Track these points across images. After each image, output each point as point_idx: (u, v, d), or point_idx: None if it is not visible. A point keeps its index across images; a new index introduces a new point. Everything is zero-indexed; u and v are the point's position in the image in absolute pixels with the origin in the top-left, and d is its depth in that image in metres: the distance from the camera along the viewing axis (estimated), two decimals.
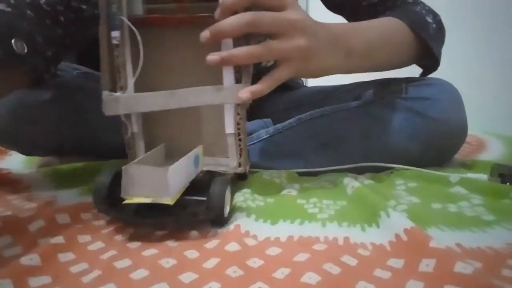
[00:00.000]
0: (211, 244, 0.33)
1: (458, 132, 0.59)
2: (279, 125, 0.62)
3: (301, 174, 0.58)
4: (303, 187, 0.50)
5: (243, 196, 0.43)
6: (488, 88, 1.34)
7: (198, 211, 0.35)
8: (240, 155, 0.43)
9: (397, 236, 0.32)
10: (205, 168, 0.43)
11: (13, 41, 0.37)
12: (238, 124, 0.42)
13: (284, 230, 0.36)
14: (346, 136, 0.58)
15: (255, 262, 0.29)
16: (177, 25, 0.43)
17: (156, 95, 0.41)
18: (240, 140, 0.42)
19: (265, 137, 0.61)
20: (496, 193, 0.43)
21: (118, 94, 0.41)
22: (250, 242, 0.33)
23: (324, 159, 0.58)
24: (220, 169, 0.44)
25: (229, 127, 0.42)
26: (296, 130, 0.60)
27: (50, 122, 0.56)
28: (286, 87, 0.83)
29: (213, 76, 0.41)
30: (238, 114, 0.41)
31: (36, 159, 0.67)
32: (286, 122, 0.61)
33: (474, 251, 0.30)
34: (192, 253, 0.31)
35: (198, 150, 0.41)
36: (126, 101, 0.41)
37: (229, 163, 0.44)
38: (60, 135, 0.57)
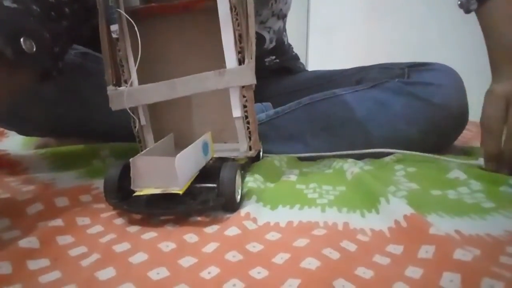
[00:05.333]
0: (211, 228, 0.33)
1: (459, 117, 0.58)
2: (279, 109, 0.61)
3: (300, 158, 0.58)
4: (303, 172, 0.50)
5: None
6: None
7: (209, 198, 0.35)
8: (250, 138, 0.42)
9: (396, 222, 0.32)
10: (216, 155, 0.43)
11: (21, 40, 0.36)
12: (244, 106, 0.41)
13: (284, 215, 0.36)
14: (347, 120, 0.58)
15: (254, 247, 0.29)
16: (175, 12, 0.43)
17: (160, 85, 0.40)
18: (248, 123, 0.41)
19: (264, 120, 0.60)
20: (495, 180, 0.43)
21: (122, 88, 0.41)
22: (249, 225, 0.33)
23: (324, 143, 0.58)
24: (231, 154, 0.43)
25: (236, 111, 0.41)
26: (296, 114, 0.60)
27: (48, 102, 0.55)
28: (287, 71, 0.82)
29: (217, 60, 0.40)
30: (244, 96, 0.40)
31: (34, 140, 0.67)
32: (286, 106, 0.61)
33: (473, 238, 0.30)
34: (191, 237, 0.31)
35: (206, 137, 0.41)
36: (130, 94, 0.41)
37: (240, 148, 0.43)
38: (58, 115, 0.56)
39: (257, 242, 0.30)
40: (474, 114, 0.66)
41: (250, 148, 0.43)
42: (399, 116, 0.56)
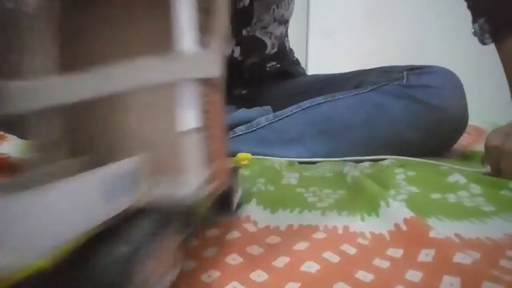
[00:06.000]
0: (211, 232, 0.33)
1: (459, 119, 0.59)
2: (279, 112, 0.61)
3: (300, 162, 0.58)
4: (303, 176, 0.50)
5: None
6: (489, 77, 1.34)
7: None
8: (210, 163, 0.25)
9: (396, 225, 0.32)
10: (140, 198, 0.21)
11: None
12: (206, 112, 0.24)
13: (284, 218, 0.36)
14: (346, 124, 0.58)
15: (255, 250, 0.29)
16: None
17: (70, 80, 0.22)
18: (210, 138, 0.24)
19: (264, 124, 0.60)
20: (495, 183, 0.43)
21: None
22: (250, 228, 0.33)
23: (324, 147, 0.58)
24: (169, 195, 0.22)
25: (189, 119, 0.23)
26: (296, 118, 0.60)
27: None
28: (286, 75, 0.82)
29: (162, 40, 0.24)
30: (206, 96, 0.24)
31: None
32: (287, 110, 0.61)
33: (473, 241, 0.30)
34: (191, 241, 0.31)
35: (125, 165, 0.20)
36: (19, 92, 0.23)
37: (188, 181, 0.23)
38: None
39: (257, 245, 0.30)
40: (474, 117, 0.66)
41: (207, 181, 0.24)
42: (399, 119, 0.57)
